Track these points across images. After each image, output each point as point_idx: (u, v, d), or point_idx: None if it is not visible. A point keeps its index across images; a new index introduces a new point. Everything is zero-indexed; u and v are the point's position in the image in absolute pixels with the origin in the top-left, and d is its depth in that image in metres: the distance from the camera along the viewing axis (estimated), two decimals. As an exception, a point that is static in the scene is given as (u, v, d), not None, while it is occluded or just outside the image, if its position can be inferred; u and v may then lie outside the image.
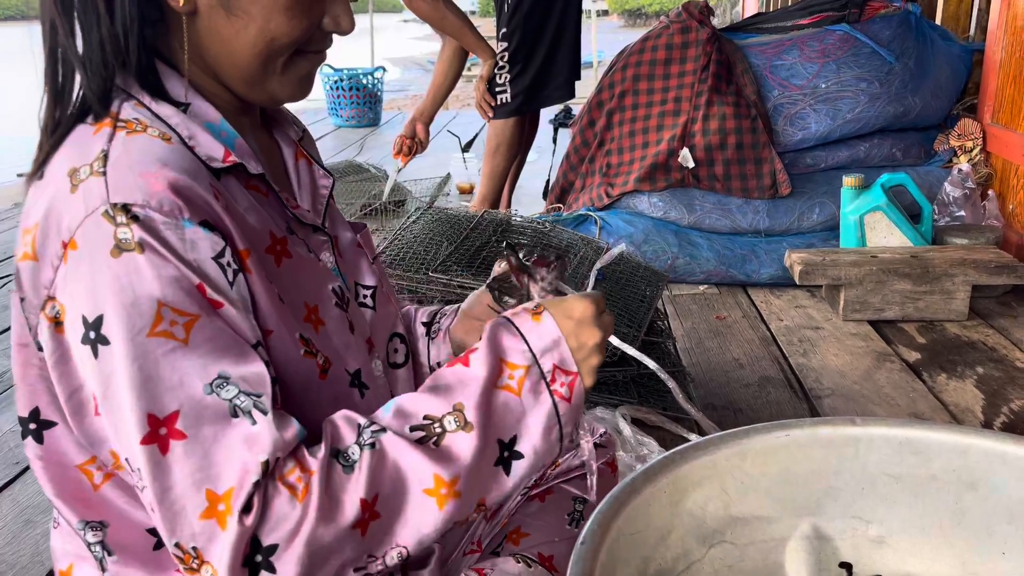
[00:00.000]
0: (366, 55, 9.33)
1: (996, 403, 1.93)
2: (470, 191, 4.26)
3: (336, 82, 6.93)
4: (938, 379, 2.06)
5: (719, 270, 2.78)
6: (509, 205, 3.60)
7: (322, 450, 0.75)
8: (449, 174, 4.26)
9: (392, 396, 0.99)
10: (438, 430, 0.79)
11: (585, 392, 0.86)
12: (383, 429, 0.78)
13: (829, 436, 1.24)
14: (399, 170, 3.57)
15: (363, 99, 7.01)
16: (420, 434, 0.78)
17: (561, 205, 3.14)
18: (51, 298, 0.75)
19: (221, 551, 0.70)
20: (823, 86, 2.79)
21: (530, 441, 0.82)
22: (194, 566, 0.72)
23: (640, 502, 1.09)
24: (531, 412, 0.82)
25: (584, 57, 3.65)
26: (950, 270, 2.39)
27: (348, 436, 0.78)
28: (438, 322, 1.14)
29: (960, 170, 2.77)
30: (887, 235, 2.60)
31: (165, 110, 0.81)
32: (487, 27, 3.43)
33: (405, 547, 0.78)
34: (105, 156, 0.75)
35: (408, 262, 1.76)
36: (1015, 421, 1.86)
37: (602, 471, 1.28)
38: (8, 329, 0.78)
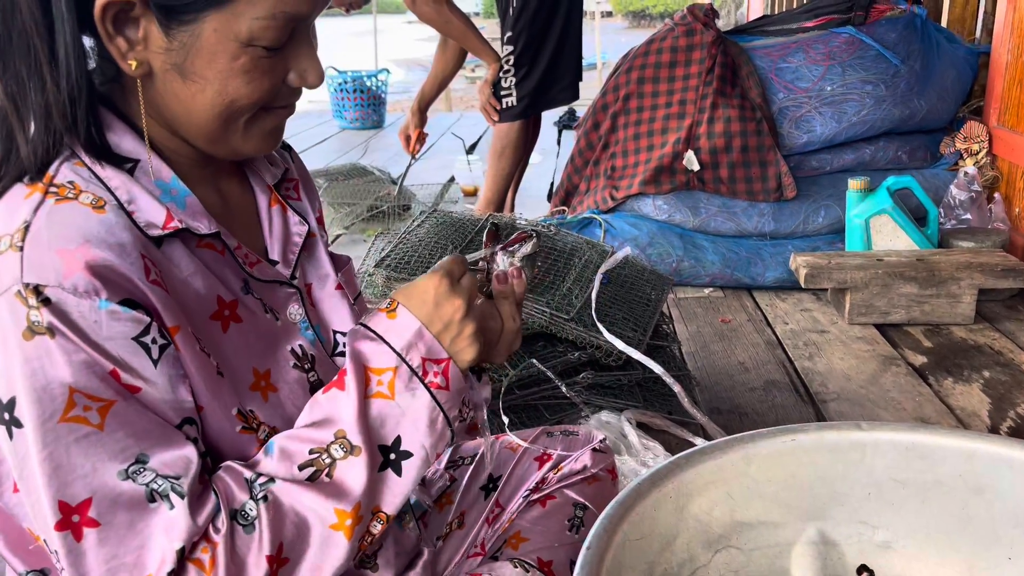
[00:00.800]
0: (369, 57, 9.34)
1: (1003, 407, 1.92)
2: (474, 193, 4.26)
3: (340, 84, 6.94)
4: (944, 383, 2.05)
5: (724, 273, 2.78)
6: (513, 208, 3.60)
7: (223, 520, 0.75)
8: (453, 177, 4.26)
9: None
10: (327, 461, 0.78)
11: (472, 362, 0.85)
12: (272, 479, 0.77)
13: (835, 441, 1.24)
14: (411, 164, 3.58)
15: (367, 101, 7.01)
16: (310, 470, 0.78)
17: (566, 208, 3.14)
18: None
19: None
20: (828, 89, 2.79)
21: (416, 438, 0.81)
22: None
23: (646, 507, 1.09)
24: (409, 411, 0.81)
25: (587, 59, 3.65)
26: (956, 273, 2.38)
27: (240, 494, 0.77)
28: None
29: (966, 173, 2.77)
30: (893, 238, 2.59)
31: (107, 172, 0.79)
32: (491, 29, 3.43)
33: None
34: (26, 228, 0.72)
35: (413, 266, 1.76)
36: (1021, 425, 1.86)
37: (601, 478, 1.27)
38: None
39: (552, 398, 1.67)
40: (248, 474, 0.78)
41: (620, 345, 1.63)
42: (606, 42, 10.41)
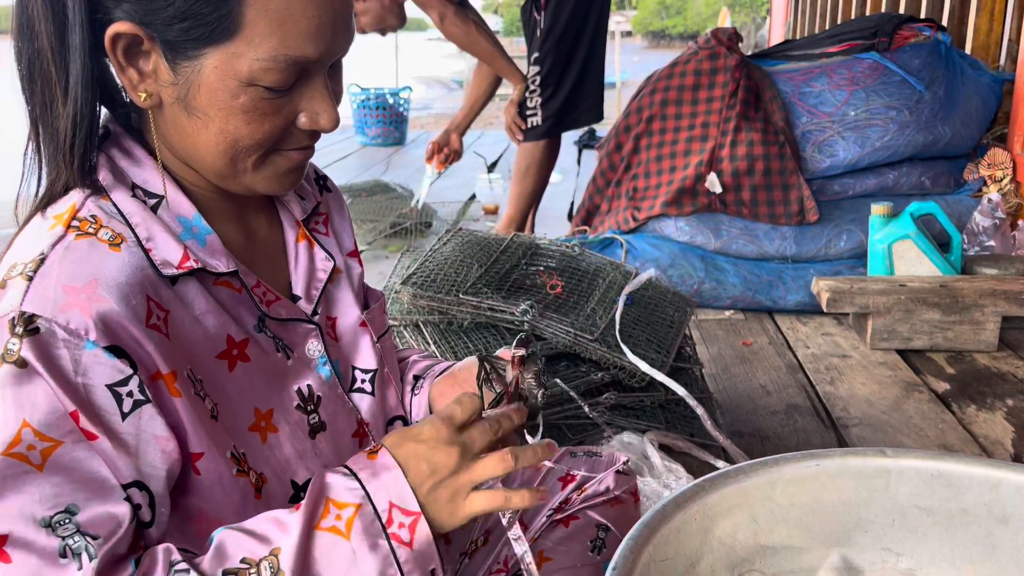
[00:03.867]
0: (390, 73, 9.43)
1: (1027, 436, 1.91)
2: (495, 212, 4.29)
3: (363, 101, 7.01)
4: (968, 410, 2.05)
5: (745, 296, 2.78)
6: (533, 228, 3.62)
7: None
8: (474, 195, 4.29)
9: None
10: (253, 574, 0.73)
11: (450, 527, 0.77)
12: (188, 569, 0.73)
13: (860, 467, 1.24)
14: (431, 176, 3.61)
15: (389, 118, 7.08)
16: None
17: (587, 228, 3.16)
18: None
19: None
20: (852, 114, 2.79)
21: None
22: None
23: (670, 529, 1.09)
24: (361, 558, 0.74)
25: (607, 78, 3.69)
26: (980, 300, 2.37)
27: (158, 573, 0.73)
28: (424, 377, 1.09)
29: (990, 200, 2.76)
30: (916, 264, 2.59)
31: (129, 207, 0.80)
32: (512, 47, 3.47)
33: None
34: (41, 260, 0.74)
35: (439, 284, 1.78)
36: (1046, 455, 1.85)
37: (624, 500, 1.27)
38: None
39: (574, 418, 1.68)
40: (175, 556, 0.74)
41: (644, 366, 1.64)
42: (625, 62, 10.45)
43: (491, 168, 4.71)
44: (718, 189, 2.79)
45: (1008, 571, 1.20)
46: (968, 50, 3.69)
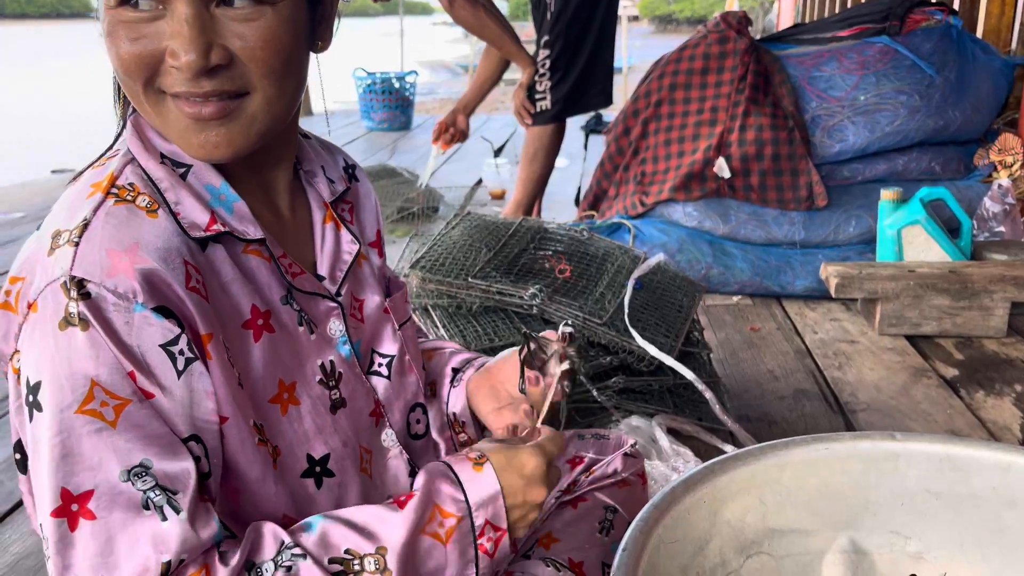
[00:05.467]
0: (396, 58, 9.40)
1: (1035, 422, 1.91)
2: (501, 196, 4.28)
3: (369, 85, 6.99)
4: (976, 396, 2.04)
5: (753, 281, 2.78)
6: (540, 212, 3.62)
7: (235, 559, 0.76)
8: (481, 180, 4.28)
9: (412, 467, 1.00)
10: (356, 568, 0.78)
11: (519, 540, 0.89)
12: (304, 554, 0.77)
13: (869, 451, 1.25)
14: (436, 156, 3.61)
15: (395, 103, 7.06)
16: (338, 568, 0.78)
17: (594, 212, 3.16)
18: (17, 351, 0.77)
19: None
20: (862, 98, 2.78)
21: None
22: None
23: (680, 511, 1.10)
24: (452, 562, 0.82)
25: (614, 63, 3.68)
26: (989, 286, 2.37)
27: (268, 551, 0.78)
28: (463, 371, 1.12)
29: (1000, 185, 2.75)
30: (925, 249, 2.58)
31: (159, 173, 0.81)
32: (517, 32, 3.46)
33: None
34: (85, 226, 0.75)
35: (448, 268, 1.78)
36: (1054, 440, 1.85)
37: (632, 482, 1.28)
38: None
39: (583, 402, 1.68)
40: (286, 539, 0.78)
41: (652, 350, 1.64)
42: (632, 47, 10.40)
43: (497, 153, 4.70)
44: (726, 174, 2.78)
45: (1016, 554, 1.20)
46: (980, 34, 3.67)
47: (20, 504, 1.65)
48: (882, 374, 2.17)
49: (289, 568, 0.77)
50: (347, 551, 0.79)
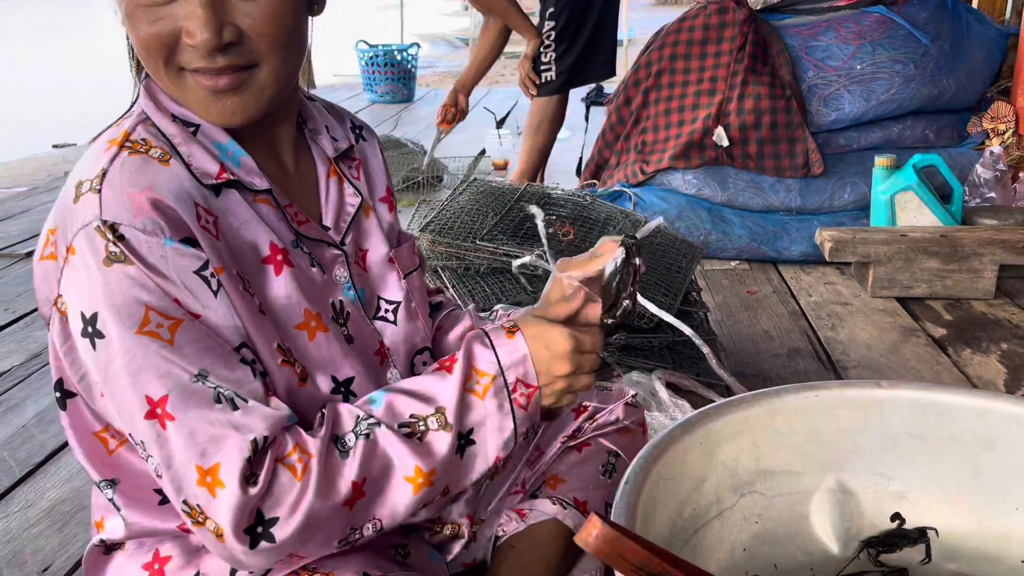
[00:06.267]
0: (395, 31, 9.39)
1: (1019, 377, 1.99)
2: (504, 167, 4.34)
3: (371, 58, 7.01)
4: (963, 354, 2.13)
5: (751, 247, 2.85)
6: (543, 182, 3.68)
7: (323, 433, 0.86)
8: (484, 150, 4.34)
9: None
10: (422, 428, 0.90)
11: (544, 410, 0.97)
12: (379, 423, 0.88)
13: (856, 397, 1.32)
14: (440, 137, 3.67)
15: (397, 75, 7.08)
16: (407, 430, 0.89)
17: (596, 181, 3.22)
18: (60, 295, 0.85)
19: (220, 514, 0.81)
20: (858, 67, 2.83)
21: (483, 435, 0.93)
22: (200, 520, 0.82)
23: (678, 451, 1.18)
24: (490, 415, 0.92)
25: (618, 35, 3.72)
26: (978, 249, 2.44)
27: (347, 424, 0.88)
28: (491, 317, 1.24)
29: (992, 152, 2.81)
30: (917, 215, 2.65)
31: (171, 129, 0.89)
32: (523, 2, 3.50)
33: (380, 520, 0.89)
34: (103, 174, 0.84)
35: (456, 231, 1.85)
36: (1037, 395, 1.93)
37: (633, 429, 1.35)
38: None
39: (586, 357, 1.76)
40: (360, 412, 0.89)
41: (652, 308, 1.72)
42: (632, 19, 10.37)
43: (500, 124, 4.75)
44: (725, 143, 2.84)
45: (994, 494, 1.28)
46: (975, 4, 3.71)
47: (53, 455, 1.74)
48: (873, 334, 2.25)
49: (368, 435, 0.87)
50: (412, 415, 0.90)
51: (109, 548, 1.02)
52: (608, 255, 1.06)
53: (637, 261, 1.03)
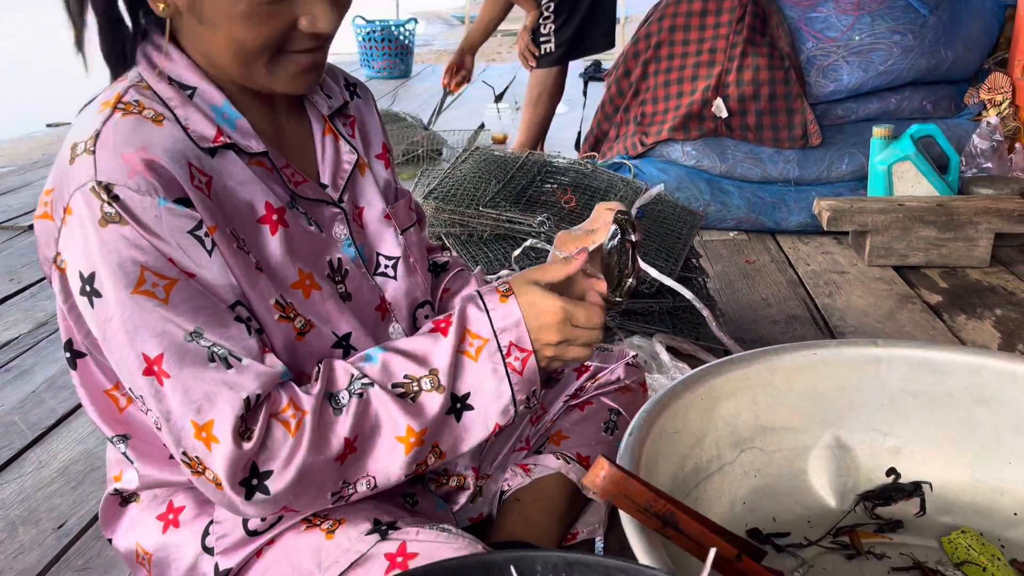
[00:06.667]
0: (391, 9, 9.33)
1: (1012, 341, 2.02)
2: (503, 141, 4.35)
3: (368, 33, 6.98)
4: (958, 319, 2.16)
5: (749, 217, 2.87)
6: (543, 154, 3.70)
7: (317, 389, 0.89)
8: (483, 124, 4.34)
9: None
10: (416, 388, 0.92)
11: (541, 372, 0.96)
12: (372, 382, 0.90)
13: (853, 356, 1.36)
14: (446, 98, 3.70)
15: (395, 51, 7.05)
16: (401, 390, 0.92)
17: (595, 154, 3.23)
18: (59, 252, 0.88)
19: (217, 467, 0.84)
20: (857, 38, 2.84)
21: (482, 399, 0.94)
22: (200, 470, 0.86)
23: (680, 406, 1.21)
24: (486, 377, 0.94)
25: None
26: (974, 218, 2.47)
27: (342, 381, 0.90)
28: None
29: (989, 123, 2.83)
30: (914, 185, 2.67)
31: (167, 92, 0.91)
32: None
33: (374, 478, 0.92)
34: (96, 135, 0.85)
35: (459, 199, 1.87)
36: (1030, 359, 1.96)
37: (633, 388, 1.38)
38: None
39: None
40: (355, 371, 0.91)
41: (653, 272, 1.74)
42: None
43: (499, 98, 4.75)
44: (724, 114, 2.86)
45: (987, 448, 1.31)
46: (974, -24, 3.70)
47: (64, 418, 1.77)
48: (870, 301, 2.28)
49: (361, 395, 0.90)
50: (406, 376, 0.92)
51: (125, 500, 1.06)
52: (603, 231, 1.09)
53: (633, 237, 1.05)
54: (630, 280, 1.04)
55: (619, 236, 1.05)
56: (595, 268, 1.08)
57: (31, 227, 3.10)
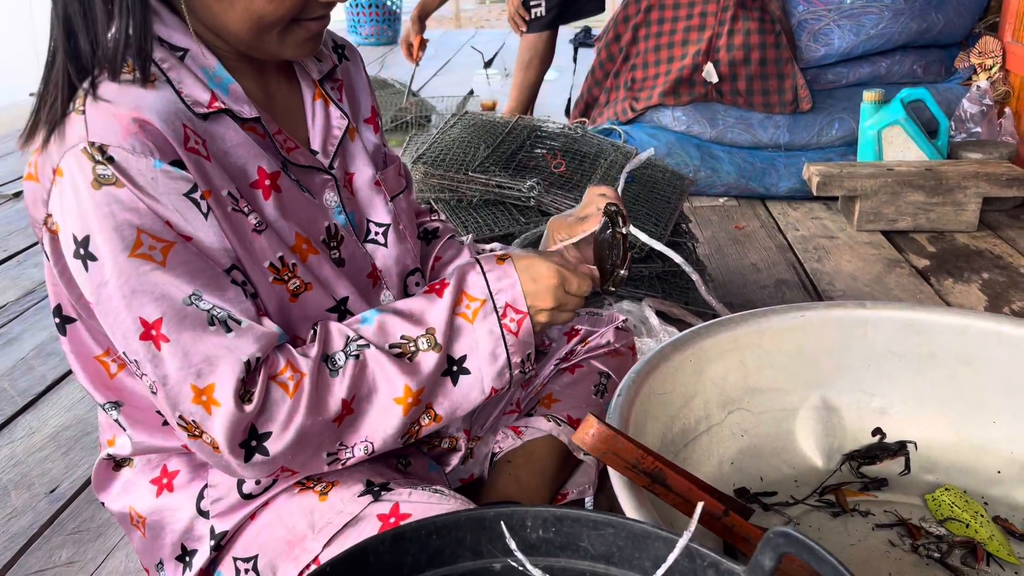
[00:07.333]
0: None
1: (998, 304, 2.04)
2: (492, 108, 4.32)
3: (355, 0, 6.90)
4: (945, 283, 2.17)
5: (739, 183, 2.87)
6: (532, 119, 3.68)
7: (314, 351, 0.89)
8: (472, 90, 4.31)
9: None
10: (412, 348, 0.93)
11: (536, 333, 0.98)
12: (368, 344, 0.91)
13: (840, 317, 1.37)
14: (416, 67, 3.70)
15: (382, 16, 6.98)
16: (398, 350, 0.93)
17: (585, 120, 3.22)
18: (49, 215, 0.86)
19: (216, 430, 0.84)
20: (848, 2, 2.83)
21: (477, 361, 0.95)
22: (196, 433, 0.86)
23: (669, 367, 1.22)
24: (482, 339, 0.95)
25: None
26: (963, 182, 2.47)
27: (338, 343, 0.91)
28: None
29: (978, 87, 2.83)
30: (904, 149, 2.68)
31: (160, 54, 0.89)
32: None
33: (372, 443, 0.92)
34: (85, 95, 0.84)
35: (448, 163, 1.86)
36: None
37: (623, 352, 1.39)
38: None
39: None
40: (350, 333, 0.91)
41: (643, 236, 1.74)
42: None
43: (488, 64, 4.72)
44: (714, 79, 2.84)
45: (971, 408, 1.33)
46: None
47: (54, 385, 1.77)
48: (858, 265, 2.29)
49: (357, 356, 0.90)
50: (402, 336, 0.93)
51: (118, 464, 1.06)
52: (595, 218, 1.10)
53: (624, 230, 1.07)
54: (621, 271, 1.07)
55: (610, 228, 1.06)
56: (587, 255, 1.11)
57: (17, 195, 3.07)
